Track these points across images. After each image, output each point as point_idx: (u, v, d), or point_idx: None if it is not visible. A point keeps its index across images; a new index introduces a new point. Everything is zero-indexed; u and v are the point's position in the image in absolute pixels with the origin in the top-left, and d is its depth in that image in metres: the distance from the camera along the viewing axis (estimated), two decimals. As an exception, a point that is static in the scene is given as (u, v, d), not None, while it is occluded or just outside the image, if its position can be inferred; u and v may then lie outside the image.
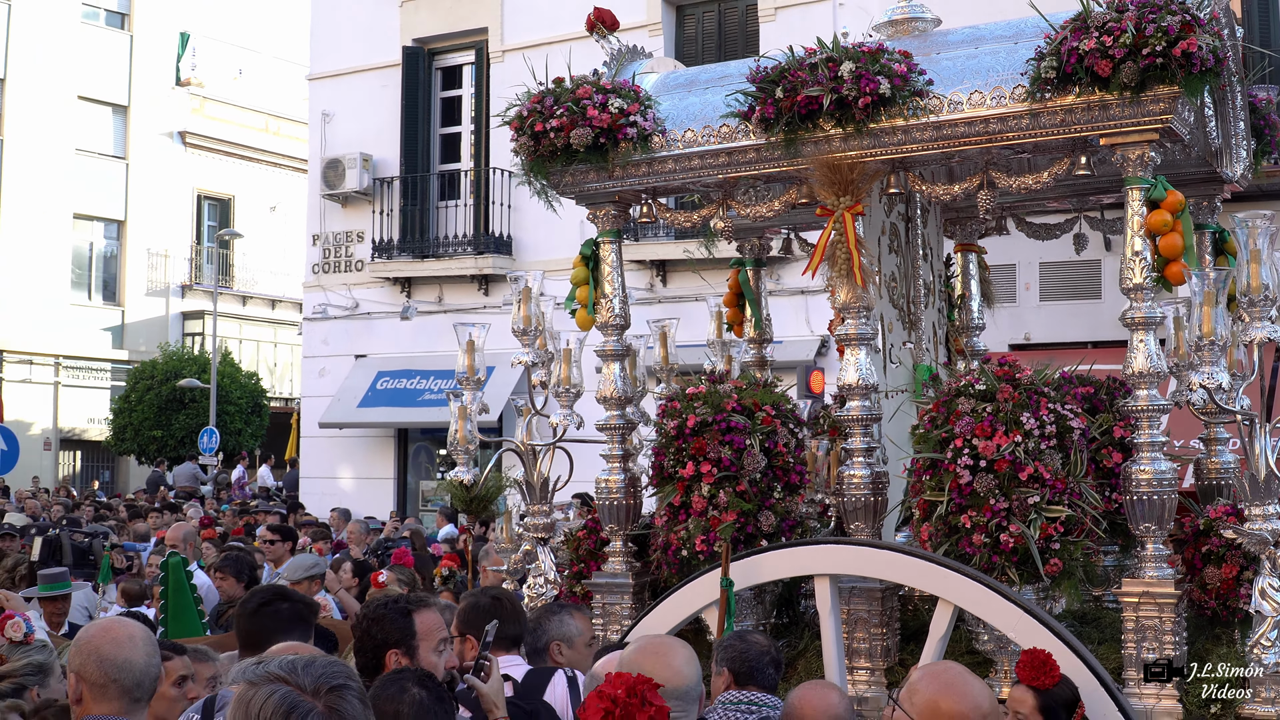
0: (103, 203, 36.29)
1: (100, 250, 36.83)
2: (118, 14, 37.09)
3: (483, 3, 21.77)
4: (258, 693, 2.88)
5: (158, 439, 31.27)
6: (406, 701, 3.84)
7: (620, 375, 6.97)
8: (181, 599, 8.55)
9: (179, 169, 38.13)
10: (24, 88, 34.44)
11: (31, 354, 34.49)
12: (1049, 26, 5.75)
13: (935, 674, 4.19)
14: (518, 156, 6.95)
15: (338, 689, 2.93)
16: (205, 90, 39.40)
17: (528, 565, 7.17)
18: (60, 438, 35.05)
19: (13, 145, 34.19)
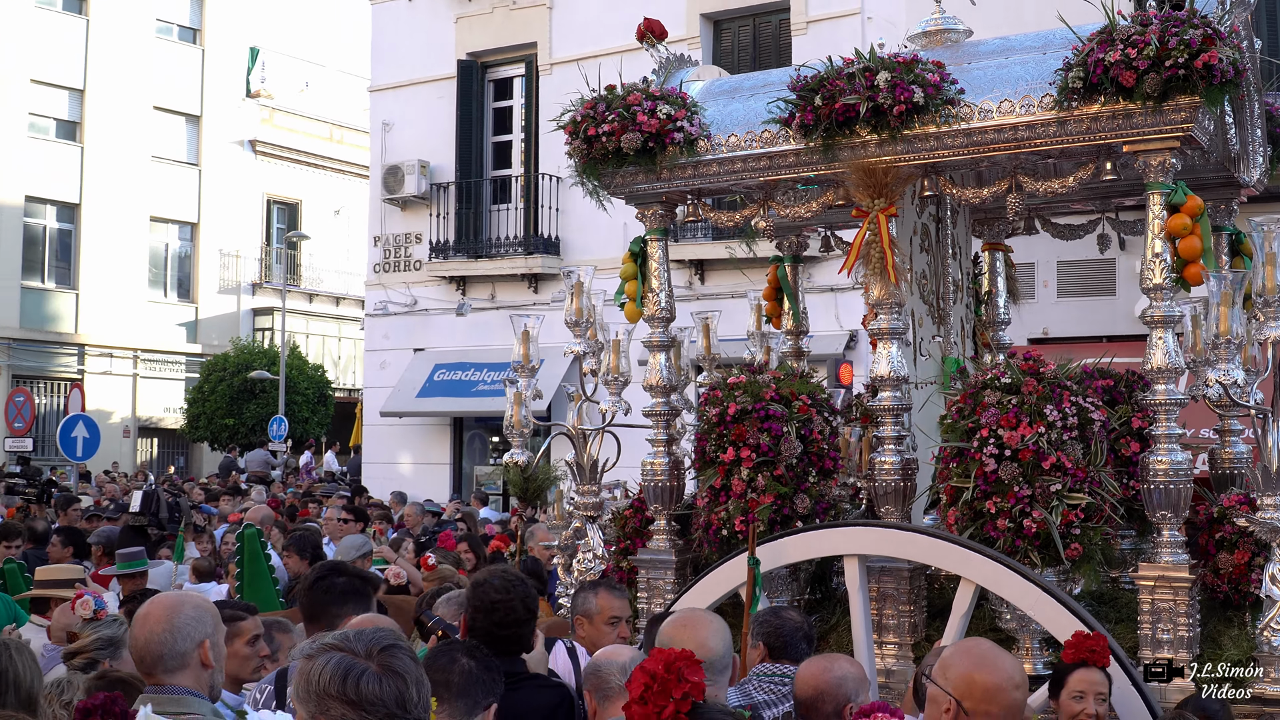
0: (177, 206, 36.50)
1: (175, 251, 37.05)
2: (190, 29, 37.29)
3: (532, 19, 21.81)
4: (316, 662, 2.96)
5: (229, 427, 31.46)
6: (456, 671, 3.83)
7: (665, 365, 6.97)
8: (257, 567, 8.62)
9: (249, 175, 38.31)
10: (103, 99, 34.66)
11: (111, 348, 34.72)
12: (1076, 38, 5.71)
13: (968, 650, 4.13)
14: (571, 159, 6.95)
15: (389, 649, 3.01)
16: (274, 101, 39.59)
17: (577, 541, 7.20)
18: (138, 426, 35.26)
19: (93, 152, 34.42)
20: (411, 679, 3.00)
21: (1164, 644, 5.56)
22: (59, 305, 34.16)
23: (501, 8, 22.09)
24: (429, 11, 22.86)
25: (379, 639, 3.07)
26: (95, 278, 34.45)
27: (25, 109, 33.21)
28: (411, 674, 3.00)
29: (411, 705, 2.97)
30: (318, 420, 32.80)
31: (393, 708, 2.94)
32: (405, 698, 2.96)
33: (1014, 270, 8.44)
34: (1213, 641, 5.68)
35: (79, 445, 20.38)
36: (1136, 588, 5.73)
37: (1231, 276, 5.78)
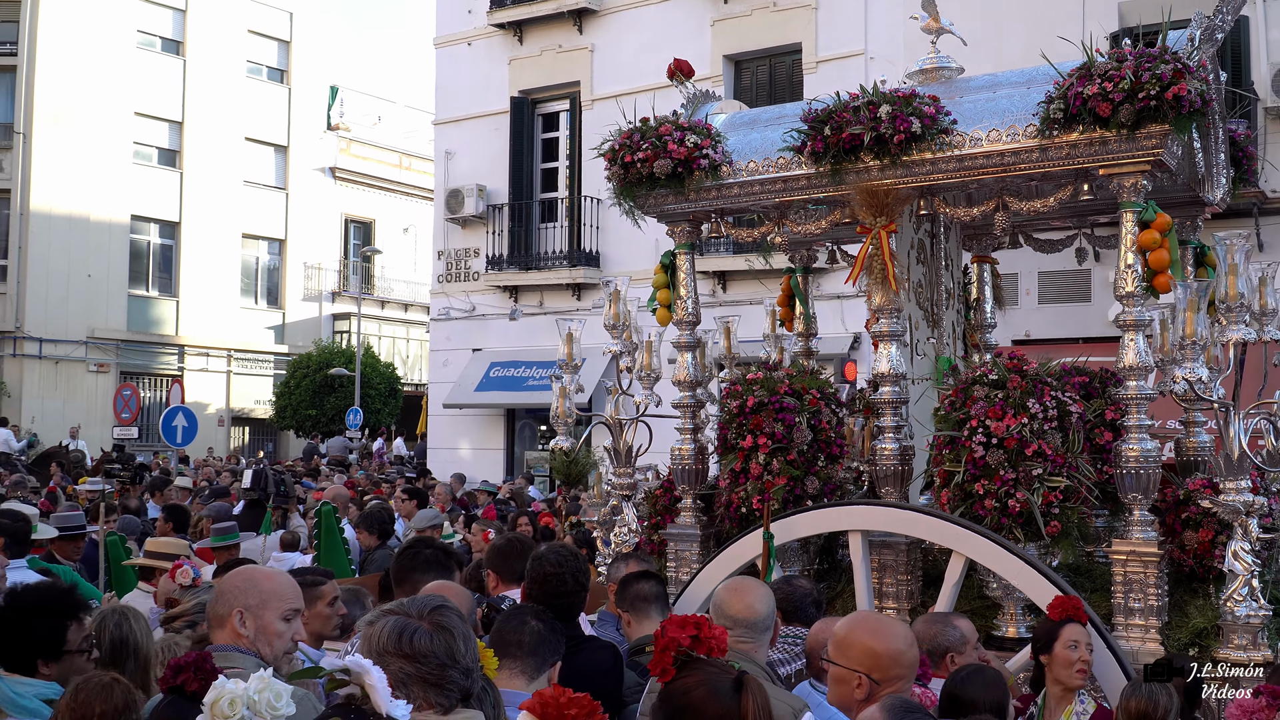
0: (266, 225, 36.71)
1: (265, 263, 37.26)
2: (278, 70, 37.49)
3: (576, 61, 21.85)
4: (377, 625, 3.01)
5: (312, 416, 31.62)
6: (527, 632, 3.82)
7: (692, 363, 6.97)
8: (331, 540, 8.66)
9: (329, 197, 38.50)
10: (200, 130, 34.87)
11: (208, 347, 34.96)
12: (1057, 74, 5.66)
13: (858, 624, 3.88)
14: (609, 183, 6.96)
15: (438, 609, 3.06)
16: (350, 133, 39.81)
17: (614, 517, 7.21)
18: (231, 416, 35.48)
19: (191, 178, 34.65)
20: (459, 634, 3.04)
21: (1135, 612, 5.51)
22: (161, 311, 34.40)
23: (549, 51, 22.14)
24: (486, 54, 22.95)
25: (430, 602, 3.11)
26: (193, 286, 34.68)
27: (130, 138, 33.44)
28: (459, 630, 3.02)
29: (460, 656, 3.00)
30: (388, 411, 32.94)
31: (444, 659, 2.96)
32: (454, 650, 2.98)
33: (999, 280, 8.38)
34: (1180, 610, 5.63)
35: (179, 433, 20.47)
36: (1110, 561, 5.69)
37: (1196, 285, 5.71)
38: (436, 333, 23.99)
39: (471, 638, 3.09)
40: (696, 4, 20.46)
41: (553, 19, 22.00)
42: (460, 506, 14.46)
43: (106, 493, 13.66)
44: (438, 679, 2.93)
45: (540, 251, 22.27)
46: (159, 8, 34.15)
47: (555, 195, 22.48)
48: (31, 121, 31.28)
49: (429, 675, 2.95)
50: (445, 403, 22.89)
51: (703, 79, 7.72)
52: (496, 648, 3.70)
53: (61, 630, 4.00)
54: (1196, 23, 5.72)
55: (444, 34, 23.77)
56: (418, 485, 15.04)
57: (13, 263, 31.20)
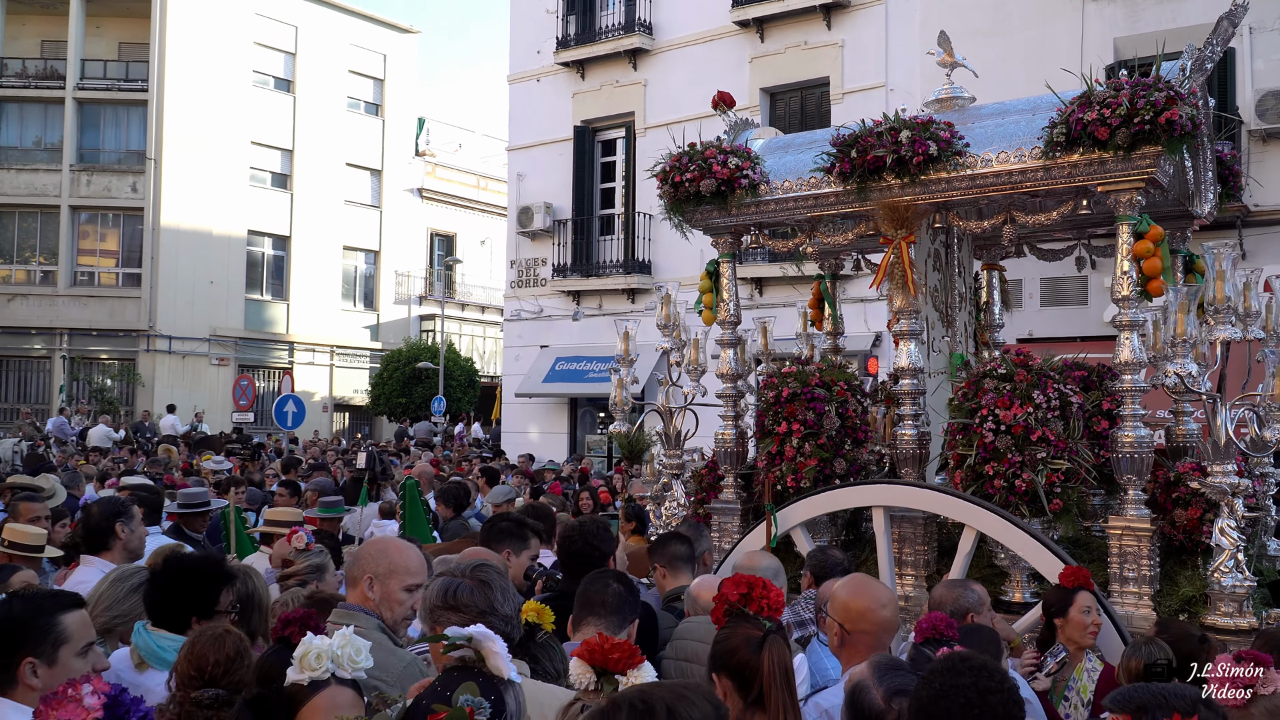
0: (363, 238, 36.99)
1: (362, 271, 37.54)
2: (374, 104, 37.72)
3: (631, 94, 21.85)
4: (430, 586, 3.18)
5: (401, 404, 31.83)
6: (610, 593, 3.76)
7: (734, 358, 6.95)
8: (415, 511, 8.68)
9: (417, 215, 38.74)
10: (307, 157, 35.17)
11: (314, 344, 35.28)
12: (1060, 102, 5.56)
13: (846, 583, 3.88)
14: (661, 200, 6.94)
15: (479, 567, 3.19)
16: (435, 158, 40.01)
17: (665, 493, 7.19)
18: (333, 403, 35.78)
19: (299, 198, 34.96)
20: (497, 587, 3.15)
21: (1129, 580, 5.42)
22: (274, 312, 34.77)
23: (608, 86, 22.15)
24: (553, 90, 23.01)
25: (474, 563, 3.21)
26: (301, 291, 35.02)
27: (247, 164, 33.79)
28: (497, 584, 3.13)
29: (499, 605, 3.12)
30: (468, 400, 33.09)
31: (484, 608, 3.06)
32: (493, 600, 3.08)
33: (1006, 285, 8.26)
34: (1170, 580, 5.51)
35: (289, 418, 20.75)
36: (1106, 535, 5.59)
37: (1186, 289, 5.62)
38: (509, 331, 24.09)
39: (510, 591, 3.12)
40: (736, 43, 20.38)
41: (611, 58, 22.01)
42: (529, 480, 14.49)
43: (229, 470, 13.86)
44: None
45: (599, 260, 22.29)
46: (272, 51, 34.50)
47: (612, 211, 22.48)
48: (161, 149, 31.71)
49: (470, 624, 2.96)
50: (516, 392, 22.99)
51: (742, 109, 7.67)
52: (582, 607, 3.69)
53: (216, 593, 4.01)
54: (1188, 54, 5.60)
55: (517, 72, 23.84)
56: (492, 465, 15.09)
57: (146, 271, 31.66)
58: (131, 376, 31.45)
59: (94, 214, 32.30)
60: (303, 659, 2.51)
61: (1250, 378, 5.56)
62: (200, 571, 4.12)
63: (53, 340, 31.38)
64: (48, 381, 31.30)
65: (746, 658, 2.88)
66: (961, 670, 2.65)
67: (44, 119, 32.47)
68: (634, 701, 2.07)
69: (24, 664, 2.92)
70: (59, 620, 3.02)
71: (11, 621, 2.96)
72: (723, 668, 2.94)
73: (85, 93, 32.06)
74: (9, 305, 31.68)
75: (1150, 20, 15.68)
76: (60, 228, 31.78)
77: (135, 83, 32.05)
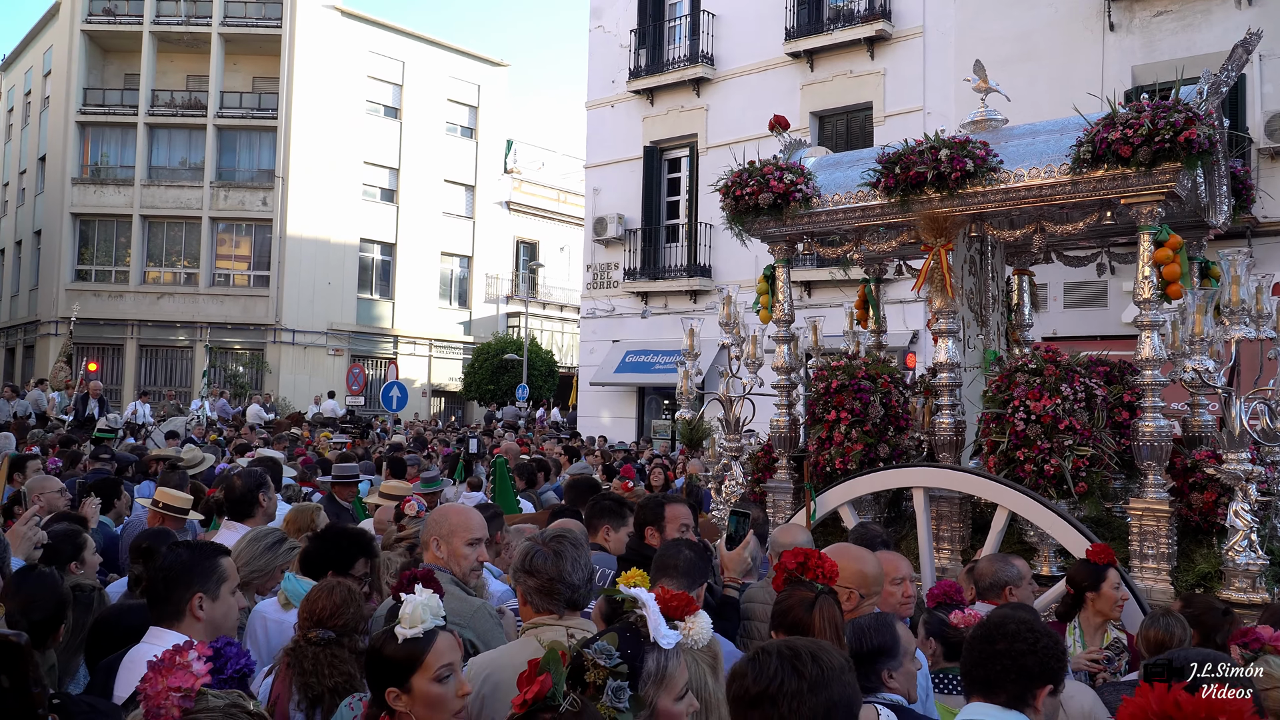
0: (458, 245, 37.31)
1: (457, 274, 37.86)
2: (469, 128, 37.93)
3: (695, 118, 21.75)
4: (517, 550, 3.18)
5: (490, 390, 32.09)
6: (682, 558, 3.74)
7: (787, 352, 6.87)
8: (503, 485, 8.72)
9: (505, 224, 38.98)
10: (411, 176, 35.55)
11: (415, 338, 35.70)
12: (1086, 123, 5.40)
13: (838, 550, 3.74)
14: (723, 212, 6.86)
15: (557, 539, 3.16)
16: (521, 175, 40.22)
17: (725, 473, 7.13)
18: (431, 389, 36.18)
19: (404, 210, 35.33)
20: (568, 558, 3.11)
21: (1148, 557, 5.25)
22: (381, 310, 35.23)
23: (674, 110, 22.08)
24: (625, 114, 22.99)
25: (554, 531, 3.23)
26: (405, 291, 35.41)
27: (360, 181, 34.25)
28: (569, 555, 3.10)
29: (567, 575, 3.08)
30: (548, 387, 33.25)
31: (553, 575, 3.05)
32: (563, 570, 3.06)
33: (1035, 288, 8.06)
34: (1187, 557, 5.34)
35: (394, 402, 21.02)
36: (1127, 516, 5.43)
37: (1203, 293, 5.42)
38: (585, 327, 24.16)
39: (580, 563, 3.11)
40: (789, 73, 20.19)
41: (677, 86, 21.93)
42: (602, 459, 14.51)
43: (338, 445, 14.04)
44: (548, 590, 3.05)
45: (665, 265, 22.24)
46: (382, 83, 34.89)
47: (677, 221, 22.41)
48: (288, 168, 32.28)
49: (542, 587, 3.06)
50: (591, 381, 23.05)
51: (795, 131, 7.56)
52: (657, 570, 3.69)
53: (353, 560, 4.11)
54: (1205, 79, 5.41)
55: (593, 99, 23.86)
56: (573, 445, 15.15)
57: (274, 273, 32.27)
58: (260, 364, 32.11)
59: (230, 224, 32.98)
60: (413, 615, 2.55)
61: (1262, 374, 5.35)
62: (349, 536, 4.27)
63: (194, 333, 32.14)
64: (190, 368, 32.06)
65: (800, 616, 2.92)
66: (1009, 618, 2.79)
67: (189, 143, 33.23)
68: (781, 649, 2.09)
69: (195, 598, 3.08)
70: (220, 562, 3.19)
71: (184, 564, 3.12)
72: (780, 625, 2.98)
73: (224, 120, 32.75)
74: (158, 302, 32.51)
75: (1166, 49, 15.24)
76: (201, 236, 32.53)
77: (266, 111, 32.67)
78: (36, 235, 35.24)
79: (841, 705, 2.03)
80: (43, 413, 18.45)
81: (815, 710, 1.99)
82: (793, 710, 1.99)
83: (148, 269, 32.93)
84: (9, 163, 39.47)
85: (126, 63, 33.89)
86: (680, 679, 2.29)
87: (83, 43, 33.39)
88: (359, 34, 34.14)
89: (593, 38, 23.96)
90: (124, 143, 33.27)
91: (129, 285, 32.54)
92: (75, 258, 33.12)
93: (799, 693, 2.00)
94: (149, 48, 32.98)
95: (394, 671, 2.57)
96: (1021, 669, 2.64)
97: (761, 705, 2.01)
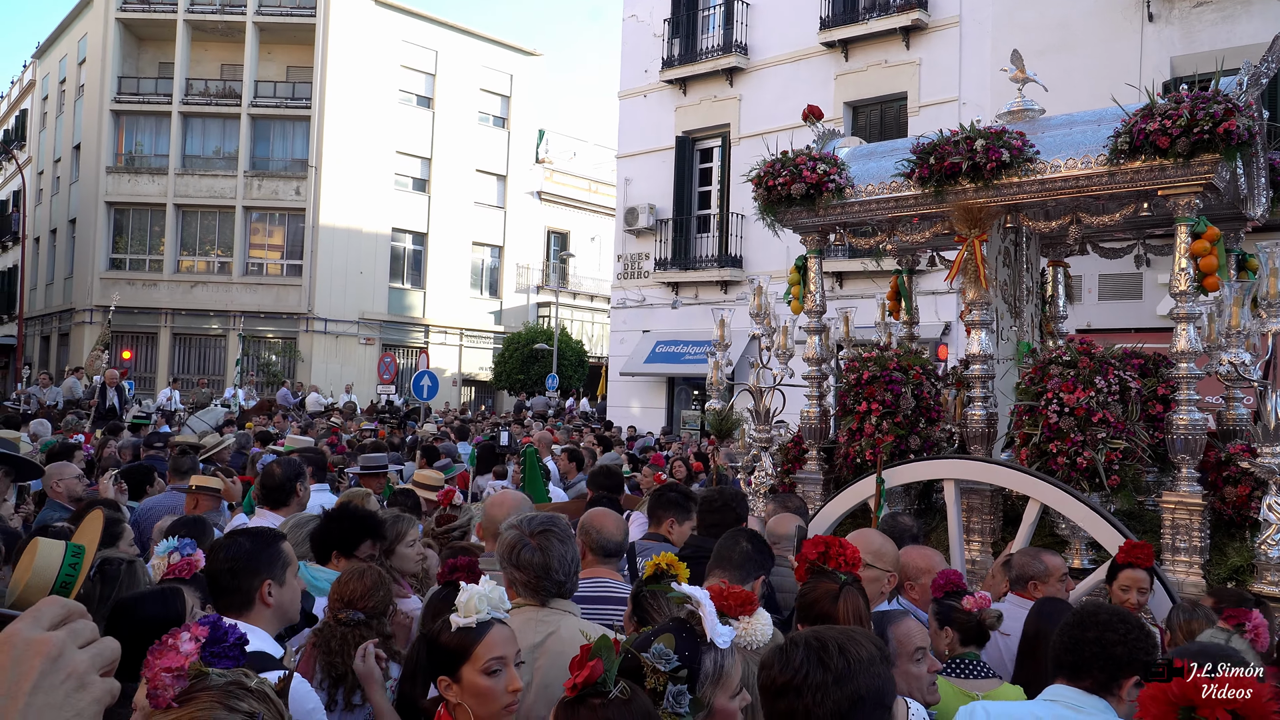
0: (489, 235, 37.47)
1: (488, 264, 38.03)
2: (500, 118, 38.08)
3: (727, 108, 21.72)
4: (503, 535, 3.14)
5: (520, 380, 32.23)
6: (737, 551, 3.70)
7: (818, 343, 6.87)
8: (533, 474, 8.79)
9: (536, 214, 39.10)
10: (443, 165, 35.72)
11: (446, 327, 35.91)
12: (1124, 113, 5.37)
13: (855, 534, 3.93)
14: (755, 202, 6.87)
15: (544, 532, 3.10)
16: (553, 165, 40.30)
17: (755, 463, 7.15)
18: (462, 379, 36.39)
19: (436, 200, 35.53)
20: (554, 555, 3.07)
21: (1181, 550, 5.24)
22: (413, 299, 35.47)
23: (706, 100, 22.06)
24: (658, 104, 23.00)
25: (541, 524, 3.14)
26: (436, 281, 35.62)
27: (392, 170, 34.47)
28: (555, 551, 3.07)
29: (554, 571, 3.06)
30: (578, 377, 33.36)
31: (539, 571, 3.04)
32: (549, 566, 3.04)
33: (1070, 280, 8.02)
34: (1219, 551, 5.32)
35: (425, 391, 21.12)
36: (1160, 509, 5.41)
37: (1240, 285, 5.39)
38: (615, 318, 24.23)
39: (566, 558, 3.10)
40: (823, 62, 20.12)
41: (709, 76, 21.91)
42: (629, 450, 14.58)
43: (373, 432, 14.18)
44: (535, 585, 3.05)
45: (696, 255, 22.25)
46: (415, 73, 35.09)
47: (709, 212, 22.41)
48: (321, 157, 32.56)
49: (529, 581, 3.06)
50: (621, 371, 23.13)
51: (828, 121, 7.57)
52: (714, 561, 3.70)
53: (358, 541, 4.20)
54: (1245, 70, 5.37)
55: (626, 89, 23.90)
56: (606, 435, 15.22)
57: (306, 263, 32.60)
58: (293, 353, 32.48)
59: (263, 213, 33.34)
60: (468, 604, 2.54)
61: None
62: (358, 519, 4.31)
63: (227, 321, 32.54)
64: (223, 356, 32.49)
65: (826, 608, 2.93)
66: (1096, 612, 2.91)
67: (223, 132, 33.60)
68: (809, 640, 2.11)
69: (265, 585, 3.08)
70: (282, 547, 3.19)
71: (248, 552, 3.11)
72: (806, 618, 2.98)
73: (258, 109, 33.08)
74: (192, 291, 32.94)
75: (1205, 40, 15.05)
76: (235, 225, 32.90)
77: (300, 101, 32.96)
78: (71, 224, 35.79)
79: (870, 697, 2.04)
80: (76, 400, 18.75)
81: (840, 702, 2.01)
82: (817, 702, 2.01)
83: (181, 258, 33.38)
84: (44, 151, 40.10)
85: (161, 51, 34.30)
86: (735, 676, 2.28)
87: (117, 31, 33.83)
88: (392, 23, 34.33)
89: (626, 27, 23.97)
90: (158, 131, 33.70)
91: (163, 274, 33.00)
92: (110, 246, 33.61)
93: (824, 684, 2.02)
94: (183, 36, 33.36)
95: (446, 660, 2.54)
96: (1111, 657, 2.73)
97: (787, 695, 2.04)
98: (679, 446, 16.77)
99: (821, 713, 2.00)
